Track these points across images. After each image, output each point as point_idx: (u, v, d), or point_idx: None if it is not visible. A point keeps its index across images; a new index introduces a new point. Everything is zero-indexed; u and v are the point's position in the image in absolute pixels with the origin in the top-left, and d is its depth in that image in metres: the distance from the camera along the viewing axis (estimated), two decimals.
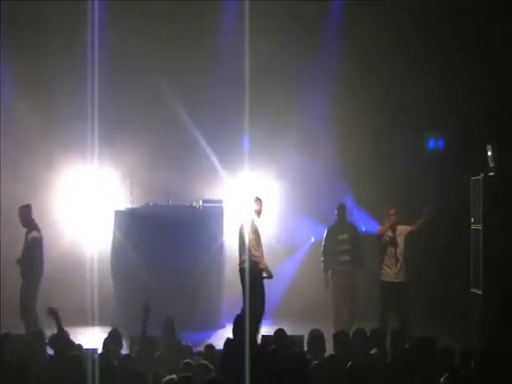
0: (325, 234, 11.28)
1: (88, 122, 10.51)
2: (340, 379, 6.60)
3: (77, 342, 7.54)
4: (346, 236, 11.12)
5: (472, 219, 10.66)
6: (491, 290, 10.09)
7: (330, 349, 7.49)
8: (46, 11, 12.32)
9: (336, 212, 11.28)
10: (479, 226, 10.41)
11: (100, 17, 11.32)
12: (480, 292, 10.28)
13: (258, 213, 10.15)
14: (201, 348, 7.99)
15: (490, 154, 10.46)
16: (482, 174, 10.46)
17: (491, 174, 10.41)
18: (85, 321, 7.84)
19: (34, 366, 6.59)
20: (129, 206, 11.92)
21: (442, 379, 6.33)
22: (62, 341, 7.50)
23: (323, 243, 11.28)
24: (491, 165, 10.43)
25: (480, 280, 10.29)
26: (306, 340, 7.83)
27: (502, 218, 10.14)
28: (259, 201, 10.21)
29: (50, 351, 7.39)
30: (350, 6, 12.83)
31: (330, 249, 11.12)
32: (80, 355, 6.77)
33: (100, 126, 10.64)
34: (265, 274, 9.95)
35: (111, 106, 11.79)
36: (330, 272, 11.10)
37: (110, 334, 7.62)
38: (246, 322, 7.05)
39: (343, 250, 11.08)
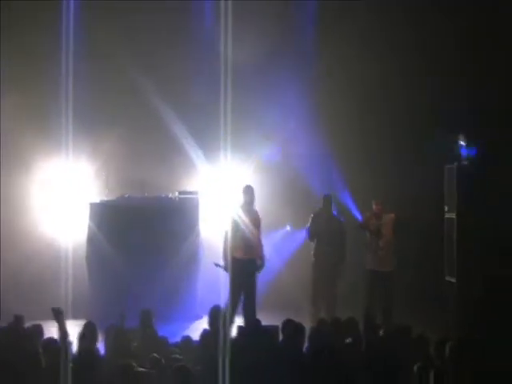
0: (310, 221, 11.21)
1: (62, 116, 10.45)
2: (317, 368, 6.64)
3: (51, 335, 7.50)
4: (330, 228, 11.08)
5: (446, 208, 10.77)
6: (465, 279, 10.21)
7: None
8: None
9: (322, 203, 11.26)
10: (453, 215, 10.52)
11: (75, 7, 11.25)
12: (454, 280, 10.40)
13: (251, 202, 10.12)
14: (177, 339, 8.00)
15: (463, 143, 10.57)
16: (455, 163, 10.56)
17: (465, 162, 10.52)
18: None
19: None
20: (104, 198, 11.88)
21: (415, 368, 6.37)
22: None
23: (309, 229, 11.20)
24: (464, 154, 10.54)
25: (454, 268, 10.40)
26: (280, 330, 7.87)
27: (476, 206, 10.25)
28: (250, 189, 10.20)
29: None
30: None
31: (316, 236, 11.08)
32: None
33: (74, 119, 10.57)
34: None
35: (86, 99, 11.69)
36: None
37: (85, 327, 7.59)
38: (228, 313, 7.09)
39: (326, 241, 11.05)
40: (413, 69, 12.49)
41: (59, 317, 6.89)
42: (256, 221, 10.16)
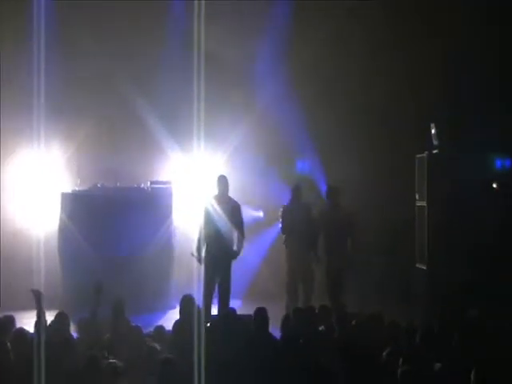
0: (281, 214, 11.21)
1: (33, 104, 10.37)
2: (289, 357, 6.69)
3: (22, 325, 7.48)
4: (299, 217, 11.08)
5: (417, 196, 10.86)
6: (435, 266, 10.31)
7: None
8: None
9: (291, 193, 11.30)
10: (424, 203, 10.61)
11: None
12: (425, 267, 10.50)
13: (224, 192, 10.17)
14: (150, 329, 8.00)
15: (433, 132, 10.65)
16: (426, 152, 10.64)
17: (435, 151, 10.60)
18: (31, 304, 7.83)
19: None
20: (76, 188, 11.82)
21: (384, 354, 6.45)
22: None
23: (281, 222, 11.20)
24: (435, 143, 10.62)
25: (425, 256, 10.51)
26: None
27: (446, 194, 10.35)
28: (224, 179, 10.25)
29: None
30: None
31: (289, 228, 11.10)
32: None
33: (46, 108, 10.50)
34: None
35: (57, 87, 11.64)
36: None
37: (57, 317, 7.57)
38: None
39: (297, 230, 11.08)
40: (387, 56, 12.55)
41: (40, 297, 6.95)
42: (234, 208, 10.18)
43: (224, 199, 10.18)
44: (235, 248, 10.13)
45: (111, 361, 6.16)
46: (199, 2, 10.04)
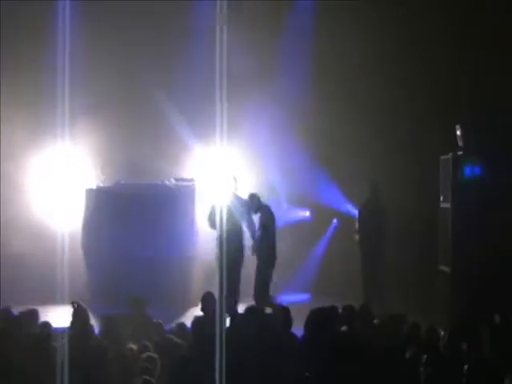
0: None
1: (58, 102, 10.43)
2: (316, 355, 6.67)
3: (46, 319, 7.55)
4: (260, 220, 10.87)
5: (441, 198, 10.81)
6: (459, 268, 10.25)
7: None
8: None
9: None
10: (448, 205, 10.55)
11: None
12: (448, 270, 10.44)
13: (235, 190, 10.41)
14: (172, 325, 8.04)
15: (458, 133, 10.58)
16: (450, 154, 10.59)
17: (460, 153, 10.54)
18: (54, 299, 7.96)
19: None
20: (100, 184, 11.88)
21: (407, 354, 6.44)
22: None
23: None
24: (460, 144, 10.56)
25: (448, 258, 10.45)
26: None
27: (470, 196, 10.29)
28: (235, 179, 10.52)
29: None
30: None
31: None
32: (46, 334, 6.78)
33: (71, 105, 10.56)
34: None
35: (83, 86, 11.67)
36: None
37: (76, 313, 7.59)
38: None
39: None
40: (412, 58, 12.53)
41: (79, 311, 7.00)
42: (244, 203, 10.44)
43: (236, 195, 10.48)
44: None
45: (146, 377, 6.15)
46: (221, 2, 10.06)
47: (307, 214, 13.11)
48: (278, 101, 12.70)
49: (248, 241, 10.60)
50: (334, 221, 13.04)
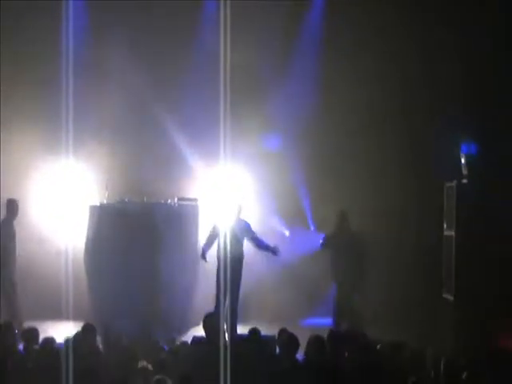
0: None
1: (63, 120, 10.51)
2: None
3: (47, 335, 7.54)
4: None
5: (445, 225, 10.83)
6: (463, 296, 10.26)
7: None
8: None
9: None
10: (451, 233, 10.58)
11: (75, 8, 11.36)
12: (451, 298, 10.45)
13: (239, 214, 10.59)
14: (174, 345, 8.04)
15: (463, 162, 10.64)
16: (455, 181, 10.63)
17: (464, 181, 10.59)
18: (59, 315, 8.00)
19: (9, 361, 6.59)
20: (104, 201, 11.91)
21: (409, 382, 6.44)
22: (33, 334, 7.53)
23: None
24: (464, 172, 10.60)
25: (452, 286, 10.46)
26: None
27: (475, 224, 10.32)
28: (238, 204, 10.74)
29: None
30: None
31: None
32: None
33: (75, 122, 10.62)
34: None
35: (88, 103, 11.86)
36: None
37: (84, 329, 7.59)
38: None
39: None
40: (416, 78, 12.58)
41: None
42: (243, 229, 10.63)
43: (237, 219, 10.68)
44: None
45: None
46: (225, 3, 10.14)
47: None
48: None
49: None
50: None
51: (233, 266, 10.18)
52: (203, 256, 10.73)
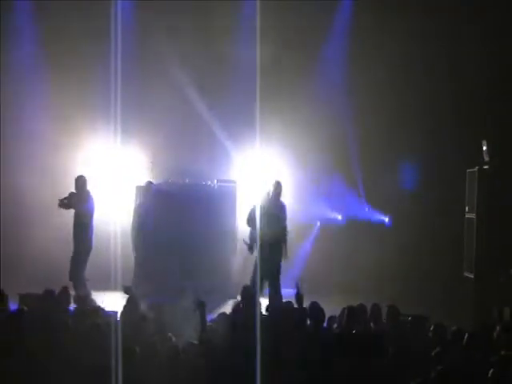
0: None
1: (111, 104, 10.99)
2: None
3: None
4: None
5: (466, 208, 11.36)
6: (482, 274, 10.82)
7: None
8: None
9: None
10: (473, 215, 11.12)
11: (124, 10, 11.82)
12: (472, 276, 11.04)
13: (279, 195, 10.88)
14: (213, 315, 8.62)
15: (485, 148, 11.13)
16: (476, 167, 11.15)
17: (485, 167, 11.10)
18: (108, 286, 8.80)
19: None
20: (149, 182, 12.39)
21: (433, 353, 6.75)
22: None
23: None
24: (486, 159, 11.10)
25: (472, 265, 11.03)
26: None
27: (494, 208, 10.80)
28: (278, 184, 10.94)
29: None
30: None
31: None
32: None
33: (123, 107, 11.11)
34: None
35: (133, 89, 12.31)
36: None
37: (128, 300, 8.10)
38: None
39: None
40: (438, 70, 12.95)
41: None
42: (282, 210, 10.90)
43: (276, 202, 10.89)
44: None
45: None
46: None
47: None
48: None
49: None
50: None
51: (271, 244, 10.53)
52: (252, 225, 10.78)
